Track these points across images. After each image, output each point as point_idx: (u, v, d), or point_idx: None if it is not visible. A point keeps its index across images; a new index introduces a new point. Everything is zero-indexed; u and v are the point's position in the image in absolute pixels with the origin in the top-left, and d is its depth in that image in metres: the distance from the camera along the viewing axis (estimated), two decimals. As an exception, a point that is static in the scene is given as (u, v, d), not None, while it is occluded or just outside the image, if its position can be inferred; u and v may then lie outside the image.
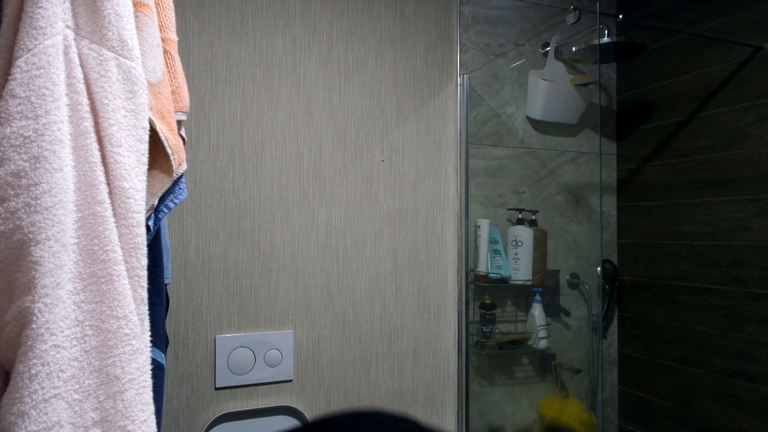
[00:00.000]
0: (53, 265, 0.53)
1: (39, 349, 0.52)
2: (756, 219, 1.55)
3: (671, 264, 1.80)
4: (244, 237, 1.51)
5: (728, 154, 1.63)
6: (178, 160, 0.73)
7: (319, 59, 1.59)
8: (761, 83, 1.54)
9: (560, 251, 1.91)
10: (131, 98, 0.62)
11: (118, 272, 0.58)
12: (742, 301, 1.59)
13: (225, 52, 1.49)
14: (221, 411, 1.46)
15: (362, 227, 1.62)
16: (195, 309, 1.46)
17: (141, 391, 0.59)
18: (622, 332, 2.00)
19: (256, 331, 1.51)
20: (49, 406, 0.52)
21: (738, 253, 1.60)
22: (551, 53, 1.79)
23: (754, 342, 1.56)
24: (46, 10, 0.55)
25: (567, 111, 1.86)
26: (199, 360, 1.46)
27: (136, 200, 0.61)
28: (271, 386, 1.52)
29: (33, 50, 0.54)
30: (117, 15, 0.60)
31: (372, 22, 1.65)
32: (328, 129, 1.60)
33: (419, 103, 1.70)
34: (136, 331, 0.59)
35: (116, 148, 0.60)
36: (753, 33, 1.56)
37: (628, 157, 1.98)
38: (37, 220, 0.53)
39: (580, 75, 1.84)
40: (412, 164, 1.68)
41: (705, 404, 1.69)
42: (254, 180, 1.52)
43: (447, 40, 1.74)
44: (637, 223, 1.94)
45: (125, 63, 0.61)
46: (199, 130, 1.47)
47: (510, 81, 1.83)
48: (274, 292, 1.53)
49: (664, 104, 1.84)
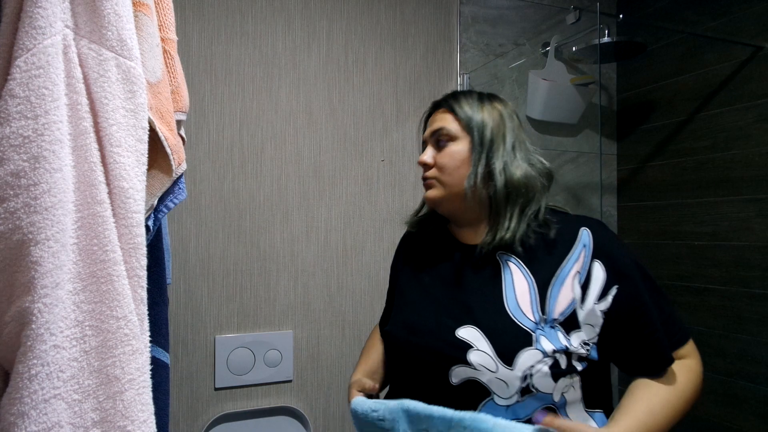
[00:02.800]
0: (53, 265, 0.53)
1: (39, 349, 0.52)
2: (756, 219, 1.55)
3: (672, 264, 1.80)
4: (244, 237, 1.51)
5: (729, 154, 1.63)
6: (177, 159, 0.72)
7: (319, 59, 1.59)
8: (762, 83, 1.54)
9: (560, 251, 1.90)
10: (131, 98, 0.62)
11: (117, 272, 0.58)
12: (743, 302, 1.58)
13: (225, 52, 1.49)
14: (221, 411, 1.46)
15: (362, 227, 1.62)
16: (195, 309, 1.46)
17: (141, 391, 0.59)
18: (622, 332, 2.00)
19: (255, 331, 1.51)
20: (48, 407, 0.52)
21: (738, 253, 1.60)
22: (551, 53, 1.79)
23: (755, 342, 1.55)
24: (46, 10, 0.55)
25: (567, 111, 1.85)
26: (199, 360, 1.45)
27: (136, 200, 0.60)
28: (271, 386, 1.52)
29: (32, 50, 0.54)
30: (116, 15, 0.60)
31: (372, 22, 1.65)
32: (328, 129, 1.60)
33: (419, 103, 1.69)
34: (135, 332, 0.59)
35: (116, 148, 0.60)
36: (753, 33, 1.56)
37: (628, 157, 1.98)
38: (37, 220, 0.53)
39: (581, 75, 1.84)
40: (412, 164, 1.68)
41: (705, 405, 1.69)
42: (254, 180, 1.52)
43: (447, 40, 1.74)
44: (638, 223, 1.93)
45: (125, 63, 0.61)
46: (198, 130, 1.47)
47: (510, 81, 1.83)
48: (273, 292, 1.53)
49: (665, 104, 1.84)
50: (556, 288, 0.79)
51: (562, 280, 0.80)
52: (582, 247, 0.81)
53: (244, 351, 1.48)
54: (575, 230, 0.83)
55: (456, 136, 0.88)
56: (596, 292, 0.78)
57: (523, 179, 0.84)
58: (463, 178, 0.86)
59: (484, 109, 0.89)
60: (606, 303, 0.78)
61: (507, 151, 0.86)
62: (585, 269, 0.80)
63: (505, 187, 0.84)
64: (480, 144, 0.86)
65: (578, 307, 0.78)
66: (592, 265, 0.80)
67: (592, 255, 0.80)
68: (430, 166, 0.90)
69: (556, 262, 0.81)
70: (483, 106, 0.89)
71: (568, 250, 0.82)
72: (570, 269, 0.80)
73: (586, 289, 0.79)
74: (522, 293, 0.80)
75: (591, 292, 0.79)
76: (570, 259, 0.81)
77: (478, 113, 0.88)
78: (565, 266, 0.80)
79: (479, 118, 0.88)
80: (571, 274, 0.80)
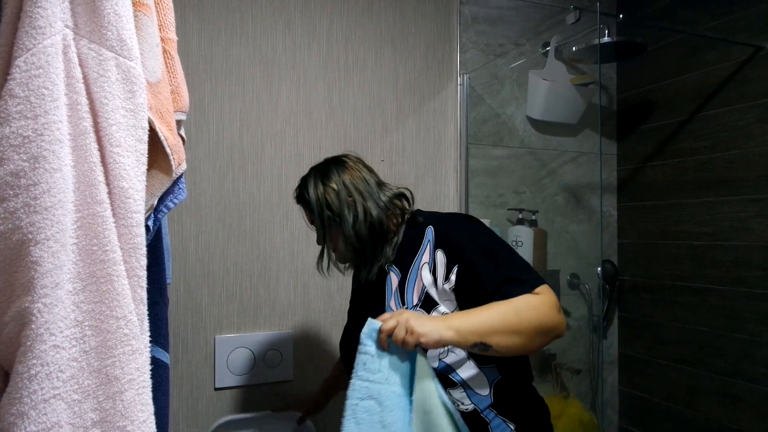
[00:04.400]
0: (52, 265, 0.53)
1: (38, 349, 0.52)
2: (757, 219, 1.55)
3: (672, 264, 1.80)
4: (244, 237, 1.51)
5: (729, 154, 1.63)
6: (177, 159, 0.72)
7: (319, 59, 1.59)
8: (762, 83, 1.54)
9: (560, 251, 1.90)
10: (130, 98, 0.62)
11: (117, 272, 0.58)
12: (743, 302, 1.58)
13: (225, 52, 1.49)
14: (221, 413, 1.46)
15: (362, 227, 1.62)
16: (195, 309, 1.46)
17: (140, 391, 0.59)
18: (622, 332, 2.00)
19: (255, 331, 1.51)
20: (48, 407, 0.52)
21: (738, 253, 1.60)
22: (551, 53, 1.79)
23: (755, 342, 1.55)
24: (46, 10, 0.55)
25: (567, 111, 1.85)
26: (199, 360, 1.45)
27: (136, 200, 0.60)
28: (271, 386, 1.52)
29: (32, 50, 0.54)
30: (116, 14, 0.60)
31: (372, 22, 1.65)
32: (328, 129, 1.60)
33: (419, 103, 1.69)
34: (135, 332, 0.59)
35: (115, 147, 0.60)
36: (753, 33, 1.56)
37: (628, 157, 1.98)
38: (37, 220, 0.53)
39: (581, 75, 1.84)
40: (412, 164, 1.68)
41: (706, 405, 1.69)
42: (254, 180, 1.52)
43: (447, 39, 1.74)
44: (638, 223, 1.93)
45: (124, 63, 0.61)
46: (198, 129, 1.47)
47: (510, 81, 1.83)
48: (273, 292, 1.53)
49: (665, 104, 1.84)
50: (411, 280, 1.02)
51: (415, 272, 1.02)
52: (427, 243, 1.03)
53: (244, 351, 1.48)
54: (424, 230, 1.04)
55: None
56: (442, 274, 0.98)
57: (377, 222, 1.05)
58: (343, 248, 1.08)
59: (319, 193, 1.07)
60: (450, 282, 0.97)
61: (356, 212, 1.04)
62: (431, 258, 1.00)
63: (368, 234, 1.04)
64: (333, 221, 1.07)
65: (430, 289, 0.99)
66: (435, 254, 1.00)
67: (435, 246, 1.01)
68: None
69: (411, 259, 1.03)
70: (317, 191, 1.08)
71: (418, 248, 1.03)
72: (420, 262, 1.02)
73: (435, 273, 0.99)
74: (394, 289, 1.04)
75: (438, 276, 0.98)
76: (420, 254, 1.02)
77: (318, 200, 1.07)
78: (417, 260, 1.02)
79: (320, 205, 1.07)
80: (421, 266, 1.01)
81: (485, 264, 0.94)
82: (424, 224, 1.05)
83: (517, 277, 0.92)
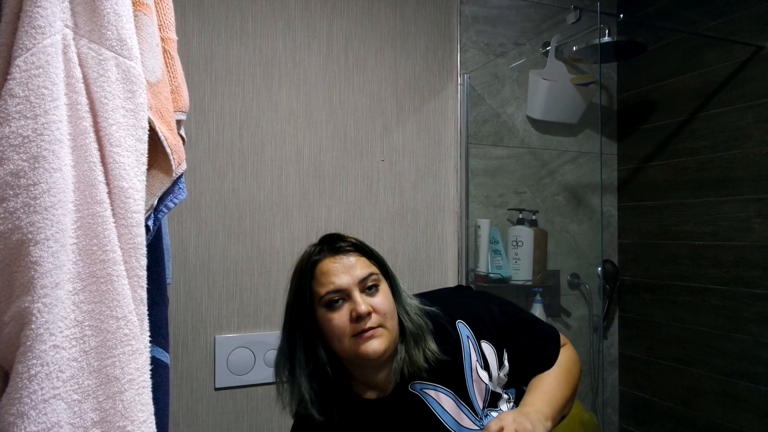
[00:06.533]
0: (52, 265, 0.53)
1: (38, 349, 0.52)
2: (757, 219, 1.55)
3: (672, 264, 1.80)
4: (244, 237, 1.50)
5: (729, 153, 1.63)
6: (177, 159, 0.72)
7: (319, 59, 1.59)
8: (762, 83, 1.54)
9: (561, 251, 1.90)
10: (130, 98, 0.62)
11: (117, 272, 0.57)
12: (743, 302, 1.58)
13: (225, 52, 1.49)
14: (221, 413, 1.45)
15: (362, 227, 1.62)
16: (195, 309, 1.46)
17: (140, 391, 0.59)
18: (622, 332, 2.00)
19: (255, 331, 1.51)
20: (48, 407, 0.52)
21: (739, 253, 1.60)
22: (552, 53, 1.79)
23: (755, 342, 1.55)
24: (45, 10, 0.55)
25: (567, 111, 1.85)
26: (199, 360, 1.45)
27: (136, 200, 0.60)
28: (271, 386, 1.52)
29: (32, 50, 0.54)
30: (116, 14, 0.60)
31: (372, 22, 1.65)
32: (328, 129, 1.59)
33: (419, 103, 1.69)
34: (135, 332, 0.59)
35: (115, 147, 0.60)
36: (753, 32, 1.56)
37: (628, 157, 1.98)
38: (36, 220, 0.53)
39: (581, 74, 1.83)
40: (412, 164, 1.68)
41: (706, 405, 1.69)
42: (254, 180, 1.52)
43: (447, 39, 1.74)
44: (638, 223, 1.93)
45: (124, 62, 0.61)
46: (198, 129, 1.47)
47: (510, 80, 1.83)
48: (273, 292, 1.53)
49: (665, 104, 1.83)
50: (471, 389, 0.90)
51: (471, 378, 0.91)
52: (467, 339, 0.92)
53: (244, 351, 1.48)
54: (454, 327, 0.93)
55: (382, 279, 0.90)
56: (495, 365, 0.92)
57: (416, 306, 0.93)
58: (396, 320, 0.89)
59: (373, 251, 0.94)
60: (505, 368, 0.94)
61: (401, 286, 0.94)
62: (479, 354, 0.92)
63: (416, 317, 0.90)
64: (396, 285, 0.93)
65: (490, 385, 0.92)
66: (481, 347, 0.92)
67: (477, 339, 0.93)
68: (368, 315, 0.85)
69: (458, 365, 0.90)
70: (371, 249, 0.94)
71: (460, 349, 0.91)
72: (470, 364, 0.91)
73: (488, 367, 0.92)
74: (451, 408, 0.89)
75: (492, 367, 0.92)
76: (465, 357, 0.91)
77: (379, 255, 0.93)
78: (467, 365, 0.91)
79: (383, 260, 0.93)
80: (473, 367, 0.91)
81: (528, 339, 0.96)
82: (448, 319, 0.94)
83: (547, 336, 0.98)
